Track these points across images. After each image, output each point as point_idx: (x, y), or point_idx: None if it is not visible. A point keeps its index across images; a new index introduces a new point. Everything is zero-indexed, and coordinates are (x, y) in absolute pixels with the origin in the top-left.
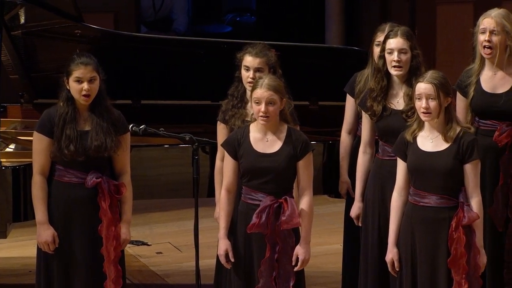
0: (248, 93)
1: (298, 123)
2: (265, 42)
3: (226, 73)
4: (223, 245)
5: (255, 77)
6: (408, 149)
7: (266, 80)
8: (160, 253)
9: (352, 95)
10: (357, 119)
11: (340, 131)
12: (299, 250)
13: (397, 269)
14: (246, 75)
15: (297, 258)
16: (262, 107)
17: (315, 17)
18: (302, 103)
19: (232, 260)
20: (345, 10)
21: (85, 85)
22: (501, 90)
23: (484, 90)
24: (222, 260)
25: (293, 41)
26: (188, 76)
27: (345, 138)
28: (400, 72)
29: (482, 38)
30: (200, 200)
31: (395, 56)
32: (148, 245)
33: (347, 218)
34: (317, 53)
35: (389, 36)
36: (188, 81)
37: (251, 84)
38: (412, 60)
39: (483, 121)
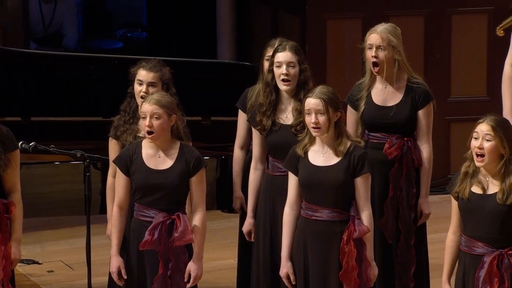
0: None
1: (190, 139)
2: (157, 57)
3: (117, 89)
4: (115, 262)
5: (148, 92)
6: (299, 164)
7: (154, 95)
8: (52, 271)
9: (244, 111)
10: (249, 134)
11: (233, 146)
12: (191, 267)
13: (294, 282)
14: (139, 89)
15: (190, 275)
16: (147, 121)
17: (207, 33)
18: (195, 118)
19: (125, 277)
20: (237, 26)
21: None
22: (391, 103)
23: (374, 103)
24: (115, 277)
25: (184, 57)
26: (79, 92)
27: (238, 154)
28: (288, 87)
29: (369, 54)
30: (92, 217)
31: (283, 69)
32: (39, 263)
33: (241, 233)
34: (209, 68)
35: (277, 50)
36: (79, 97)
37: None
38: (300, 74)
39: (373, 134)
